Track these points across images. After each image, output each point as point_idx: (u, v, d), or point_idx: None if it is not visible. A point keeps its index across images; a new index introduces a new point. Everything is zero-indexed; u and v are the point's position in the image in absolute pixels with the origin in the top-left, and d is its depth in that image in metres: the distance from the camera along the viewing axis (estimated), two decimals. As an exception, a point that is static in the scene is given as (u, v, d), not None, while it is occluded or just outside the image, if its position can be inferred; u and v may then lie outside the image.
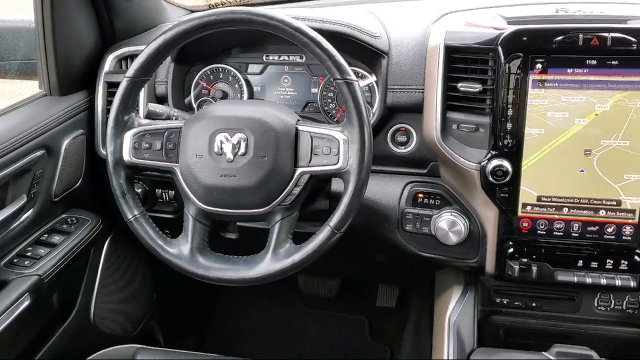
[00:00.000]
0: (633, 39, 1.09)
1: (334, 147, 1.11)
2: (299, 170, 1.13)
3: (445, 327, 1.23)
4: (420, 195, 1.34)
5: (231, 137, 1.13)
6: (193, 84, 1.52)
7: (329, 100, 1.44)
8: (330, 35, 1.22)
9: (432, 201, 1.33)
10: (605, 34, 1.10)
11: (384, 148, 1.36)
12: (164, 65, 1.46)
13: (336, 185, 1.34)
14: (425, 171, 1.35)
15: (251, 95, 1.50)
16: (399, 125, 1.35)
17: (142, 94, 1.46)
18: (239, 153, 1.12)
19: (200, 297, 2.19)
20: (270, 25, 1.11)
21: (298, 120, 1.17)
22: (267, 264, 1.13)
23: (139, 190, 1.51)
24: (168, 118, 1.37)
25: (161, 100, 1.50)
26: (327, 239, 1.11)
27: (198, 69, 1.51)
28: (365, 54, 1.34)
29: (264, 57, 1.47)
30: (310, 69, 1.45)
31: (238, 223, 1.35)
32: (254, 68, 1.49)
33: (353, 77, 1.10)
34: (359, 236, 1.37)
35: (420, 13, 1.40)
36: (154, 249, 1.17)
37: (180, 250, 1.17)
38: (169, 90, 1.47)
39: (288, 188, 1.13)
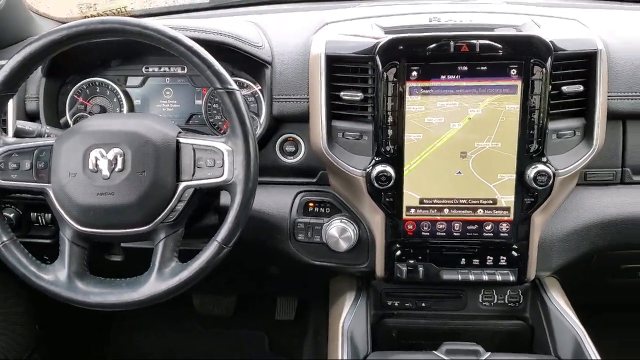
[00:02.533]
0: (499, 46, 1.15)
1: (218, 159, 1.09)
2: (182, 185, 1.10)
3: (339, 334, 1.23)
4: (311, 204, 1.34)
5: (107, 153, 1.07)
6: (68, 100, 1.43)
7: (214, 112, 1.41)
8: (210, 45, 1.19)
9: (322, 209, 1.33)
10: (474, 41, 1.15)
11: (273, 158, 1.35)
12: (34, 79, 1.37)
13: (225, 198, 1.31)
14: (315, 180, 1.36)
15: (131, 109, 1.44)
16: (287, 135, 1.35)
17: (10, 111, 1.35)
18: (116, 169, 1.07)
19: (90, 326, 2.06)
20: (145, 35, 1.07)
21: (179, 132, 1.13)
22: (152, 285, 1.08)
23: (11, 215, 1.39)
24: (39, 136, 1.28)
25: (33, 117, 1.40)
26: (214, 255, 1.08)
27: (73, 83, 1.43)
28: (248, 64, 1.33)
29: (144, 69, 1.42)
30: (193, 80, 1.42)
31: (123, 244, 1.28)
32: (133, 80, 1.44)
33: (234, 86, 1.08)
34: (251, 249, 1.35)
35: (301, 23, 1.41)
36: (26, 276, 1.09)
37: (56, 277, 1.10)
38: (41, 107, 1.38)
39: (171, 204, 1.09)
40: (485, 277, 1.25)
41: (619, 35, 1.33)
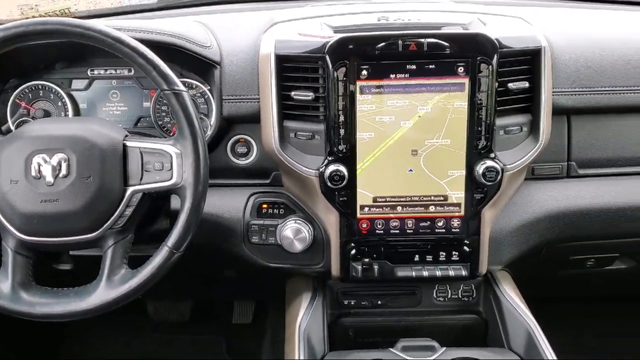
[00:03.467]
0: (446, 44, 1.16)
1: (167, 162, 1.07)
2: (130, 190, 1.08)
3: (295, 335, 1.22)
4: (265, 205, 1.33)
5: (50, 159, 1.04)
6: (10, 105, 1.38)
7: (163, 114, 1.38)
8: (156, 45, 1.17)
9: (276, 211, 1.32)
10: (422, 40, 1.16)
11: (225, 160, 1.33)
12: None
13: (176, 202, 1.28)
14: (268, 181, 1.35)
15: (77, 113, 1.39)
16: (238, 137, 1.33)
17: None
18: (60, 175, 1.04)
19: (41, 338, 2.00)
20: (87, 36, 1.04)
21: (126, 135, 1.11)
22: (101, 293, 1.06)
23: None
24: None
25: (-29, 124, 1.35)
26: (165, 260, 1.06)
27: (14, 87, 1.38)
28: (196, 64, 1.31)
29: (89, 72, 1.38)
30: (140, 82, 1.39)
31: (71, 252, 1.25)
32: (78, 84, 1.39)
33: (181, 87, 1.06)
34: (204, 253, 1.33)
35: (250, 23, 1.39)
36: None
37: (-2, 288, 1.05)
38: (-20, 113, 1.32)
39: (119, 209, 1.07)
40: (438, 273, 1.27)
41: (562, 32, 1.36)
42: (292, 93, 1.21)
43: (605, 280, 1.61)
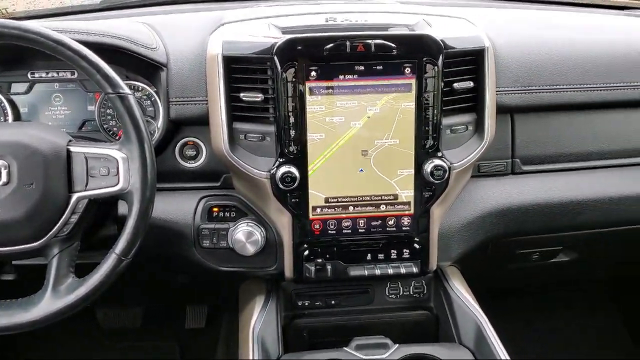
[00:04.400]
0: (393, 45, 1.18)
1: (113, 167, 1.04)
2: (75, 196, 1.05)
3: (249, 339, 1.21)
4: (216, 209, 1.31)
5: (-10, 166, 1.00)
6: (-56, 110, 1.32)
7: (109, 118, 1.35)
8: (99, 48, 1.14)
9: (227, 214, 1.31)
10: (370, 41, 1.17)
11: (173, 164, 1.31)
12: None
13: (123, 208, 1.25)
14: (218, 184, 1.33)
15: (18, 118, 1.34)
16: (186, 139, 1.31)
17: None
18: (0, 183, 1.00)
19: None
20: (26, 38, 1.01)
21: (70, 140, 1.08)
22: (46, 304, 1.03)
23: None
24: None
25: None
26: (113, 268, 1.03)
27: (-52, 92, 1.32)
28: (142, 66, 1.28)
29: (29, 75, 1.33)
30: (84, 85, 1.35)
31: (14, 262, 1.20)
32: (18, 87, 1.34)
33: (126, 90, 1.04)
34: (154, 259, 1.31)
35: (197, 24, 1.37)
36: None
37: (-63, 301, 1.01)
38: None
39: (64, 217, 1.04)
40: (390, 271, 1.28)
41: (504, 32, 1.40)
42: (241, 94, 1.20)
43: (550, 272, 1.67)
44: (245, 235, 1.26)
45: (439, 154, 1.24)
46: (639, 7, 1.88)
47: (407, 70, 1.19)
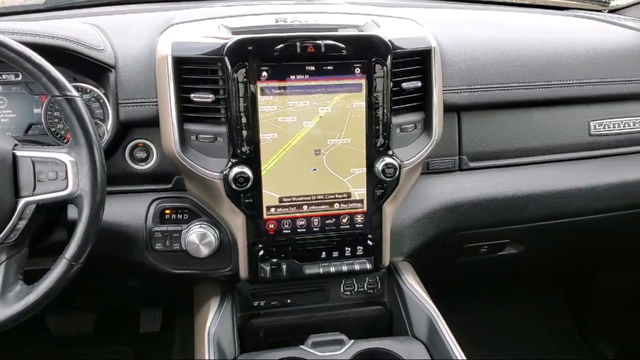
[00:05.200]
0: (343, 46, 1.19)
1: (61, 171, 1.02)
2: (22, 201, 1.02)
3: (205, 341, 1.21)
4: (168, 211, 1.30)
5: None
6: None
7: (56, 121, 1.31)
8: (45, 49, 1.12)
9: (180, 216, 1.30)
10: (320, 42, 1.19)
11: (123, 166, 1.29)
12: None
13: (73, 212, 1.23)
14: (170, 186, 1.32)
15: (-42, 122, 1.30)
16: (137, 141, 1.30)
17: None
18: (-57, 189, 0.97)
19: None
20: None
21: (15, 145, 1.05)
22: (-6, 312, 0.99)
23: None
24: None
25: None
26: (64, 273, 1.01)
27: None
28: (89, 68, 1.26)
29: None
30: (29, 87, 1.31)
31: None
32: (-43, 90, 1.30)
33: (74, 92, 1.02)
34: (106, 263, 1.29)
35: (146, 25, 1.36)
36: None
37: None
38: None
39: (11, 223, 1.02)
40: (344, 268, 1.30)
41: (450, 33, 1.44)
42: (192, 95, 1.20)
43: (499, 264, 1.72)
44: (198, 237, 1.26)
45: (390, 153, 1.26)
46: (577, 7, 1.96)
47: (357, 71, 1.21)
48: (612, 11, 1.96)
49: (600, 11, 1.96)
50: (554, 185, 1.48)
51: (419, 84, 1.28)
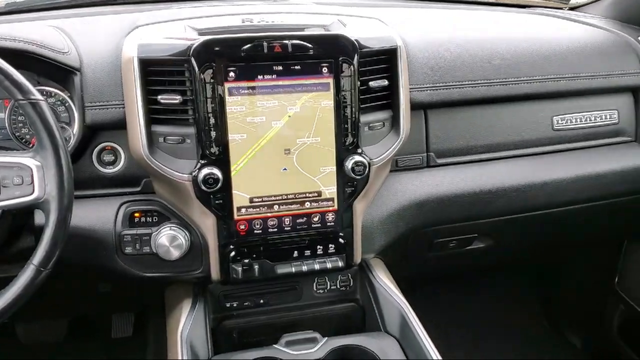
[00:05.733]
0: (310, 45, 1.20)
1: (27, 176, 1.01)
2: None
3: (178, 343, 1.20)
4: (137, 214, 1.29)
5: None
6: None
7: (20, 125, 1.29)
8: (7, 52, 1.10)
9: (149, 219, 1.29)
10: (287, 42, 1.19)
11: (91, 170, 1.28)
12: None
13: (40, 217, 1.21)
14: (139, 189, 1.31)
15: None
16: (104, 144, 1.28)
17: None
18: None
19: None
20: None
21: None
22: (-41, 321, 0.97)
23: None
24: None
25: None
26: (32, 280, 1.00)
27: None
28: (54, 71, 1.24)
29: None
30: (-10, 92, 1.29)
31: None
32: None
33: (38, 96, 1.01)
34: (75, 269, 1.27)
35: (111, 27, 1.34)
36: None
37: None
38: None
39: None
40: (317, 266, 1.31)
41: (416, 32, 1.46)
42: (159, 97, 1.19)
43: (468, 258, 1.75)
44: (168, 240, 1.25)
45: (359, 151, 1.27)
46: (538, 5, 2.01)
47: (325, 70, 1.22)
48: (572, 9, 2.01)
49: (560, 9, 2.01)
50: (520, 180, 1.51)
51: (386, 82, 1.30)
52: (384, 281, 1.39)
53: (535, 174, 1.53)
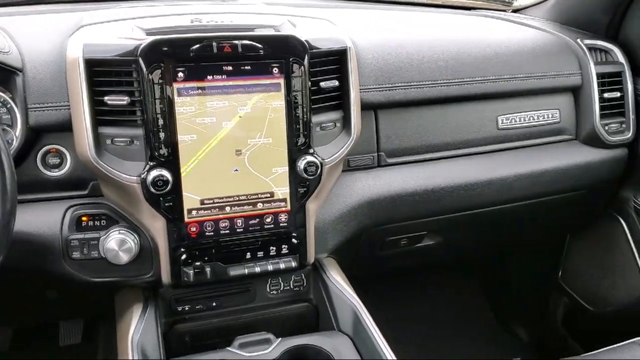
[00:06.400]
0: (260, 45, 1.20)
1: None
2: None
3: (129, 349, 1.17)
4: (84, 218, 1.26)
5: None
6: None
7: (-42, 128, 1.24)
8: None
9: (97, 222, 1.26)
10: (236, 42, 1.19)
11: (35, 173, 1.24)
12: None
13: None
14: (86, 192, 1.28)
15: None
16: (49, 147, 1.25)
17: None
18: None
19: None
20: None
21: None
22: None
23: None
24: None
25: None
26: None
27: None
28: (-5, 72, 1.20)
29: None
30: None
31: None
32: None
33: (-24, 97, 0.97)
34: (21, 275, 1.23)
35: (55, 26, 1.31)
36: None
37: None
38: None
39: None
40: (270, 267, 1.31)
41: (365, 33, 1.48)
42: (106, 98, 1.16)
43: (418, 256, 1.78)
44: (117, 244, 1.23)
45: (311, 151, 1.28)
46: (483, 7, 2.06)
47: (275, 70, 1.22)
48: (515, 11, 2.08)
49: (504, 11, 2.07)
50: (467, 178, 1.55)
51: (337, 83, 1.31)
52: (337, 280, 1.40)
53: (482, 172, 1.57)
